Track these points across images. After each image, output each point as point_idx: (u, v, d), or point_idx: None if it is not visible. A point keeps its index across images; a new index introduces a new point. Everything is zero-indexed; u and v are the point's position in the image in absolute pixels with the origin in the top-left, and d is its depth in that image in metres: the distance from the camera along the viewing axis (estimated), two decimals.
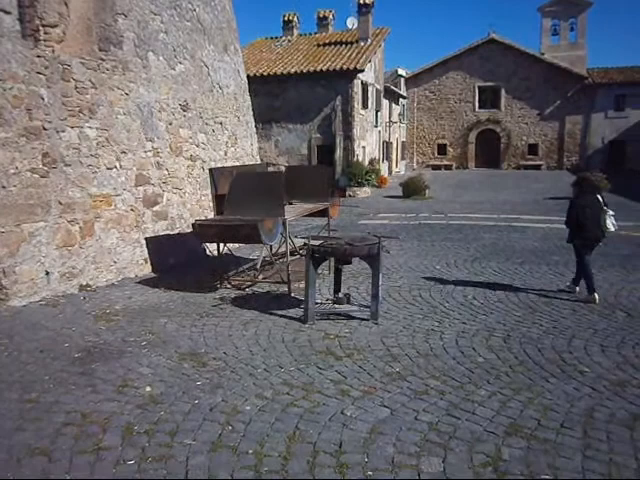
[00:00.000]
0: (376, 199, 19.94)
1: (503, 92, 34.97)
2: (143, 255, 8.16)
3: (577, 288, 7.01)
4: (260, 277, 7.55)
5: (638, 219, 13.65)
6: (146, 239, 8.23)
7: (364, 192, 21.20)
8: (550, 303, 6.56)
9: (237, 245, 9.35)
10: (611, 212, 6.66)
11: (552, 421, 3.69)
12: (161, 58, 9.00)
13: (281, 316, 6.00)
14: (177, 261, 8.58)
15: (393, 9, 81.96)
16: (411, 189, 19.90)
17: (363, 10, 24.75)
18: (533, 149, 35.12)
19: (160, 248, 8.39)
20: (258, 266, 7.60)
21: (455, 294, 7.00)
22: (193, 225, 6.95)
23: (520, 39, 62.37)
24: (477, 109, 35.76)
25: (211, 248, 8.48)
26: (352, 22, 26.25)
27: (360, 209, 16.57)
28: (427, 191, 20.19)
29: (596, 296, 6.59)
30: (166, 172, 8.94)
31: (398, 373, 4.44)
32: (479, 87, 35.46)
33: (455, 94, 36.08)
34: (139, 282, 7.61)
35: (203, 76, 10.45)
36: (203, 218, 8.63)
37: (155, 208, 8.58)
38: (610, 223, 6.65)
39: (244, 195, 6.94)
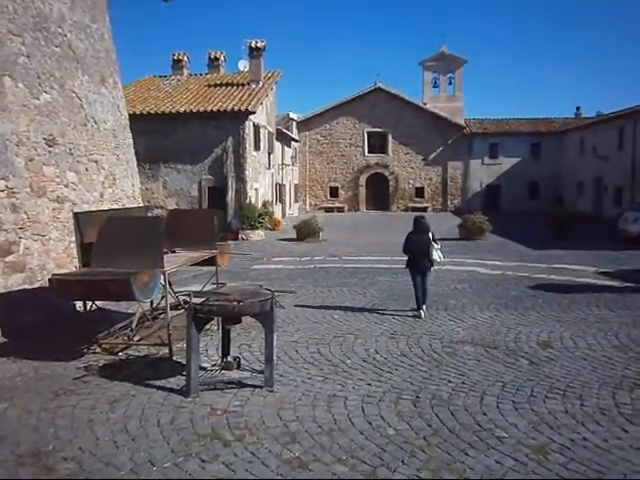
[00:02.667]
0: (270, 242, 19.34)
1: (390, 138, 36.48)
2: None
3: (421, 311, 8.19)
4: (136, 338, 6.49)
5: (520, 259, 14.26)
6: None
7: (258, 235, 20.53)
8: (454, 354, 6.23)
9: None
10: (437, 246, 8.24)
11: None
12: (21, 85, 7.82)
13: (159, 388, 5.04)
14: (36, 321, 7.21)
15: (284, 53, 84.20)
16: (305, 232, 19.57)
17: (254, 53, 24.69)
18: (420, 192, 36.77)
19: (13, 307, 7.02)
20: (134, 325, 6.55)
21: (356, 348, 6.45)
22: (50, 281, 5.80)
23: (405, 88, 66.53)
24: (367, 153, 36.91)
25: (80, 304, 7.27)
26: (244, 64, 26.06)
27: (254, 253, 15.83)
28: (321, 233, 19.96)
29: (422, 312, 8.11)
30: (24, 215, 7.64)
31: (298, 459, 3.71)
32: (368, 132, 36.72)
33: (345, 138, 37.05)
34: None
35: (75, 108, 9.33)
36: (64, 271, 7.39)
37: (8, 258, 7.23)
38: (437, 255, 8.23)
39: (116, 244, 5.95)
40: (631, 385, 5.18)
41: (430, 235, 8.25)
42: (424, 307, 8.23)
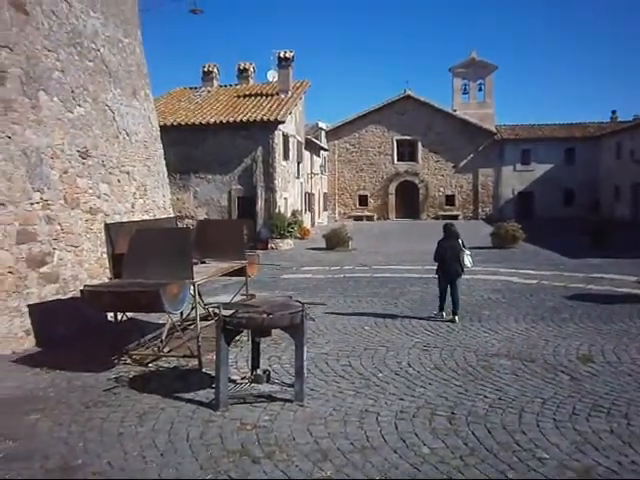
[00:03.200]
0: (299, 251, 19.30)
1: (420, 145, 36.21)
2: (24, 326, 6.84)
3: (443, 313, 8.54)
4: (166, 349, 6.48)
5: (556, 268, 13.85)
6: (29, 306, 6.93)
7: (287, 244, 20.52)
8: (489, 367, 6.01)
9: None
10: (468, 252, 8.45)
11: None
12: (55, 99, 7.98)
13: (188, 401, 4.98)
14: (69, 332, 7.30)
15: (313, 63, 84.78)
16: (334, 241, 19.45)
17: (283, 64, 24.82)
18: (450, 200, 36.33)
19: (47, 317, 7.11)
20: (164, 336, 6.54)
21: (388, 360, 6.29)
22: (82, 292, 5.84)
23: (434, 95, 66.15)
24: (396, 161, 36.70)
25: (111, 314, 7.32)
26: (273, 75, 26.26)
27: (283, 263, 15.81)
28: (350, 242, 19.81)
29: (457, 318, 8.28)
30: (58, 227, 7.76)
31: (330, 479, 3.58)
32: (397, 140, 36.53)
33: (374, 147, 36.92)
34: (15, 360, 6.28)
35: (107, 121, 9.48)
36: (96, 282, 7.45)
37: (42, 269, 7.34)
38: (467, 261, 8.41)
39: (146, 255, 5.96)
40: None
41: (460, 241, 8.48)
42: (457, 317, 8.32)
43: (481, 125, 35.35)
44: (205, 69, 27.61)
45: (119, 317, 6.64)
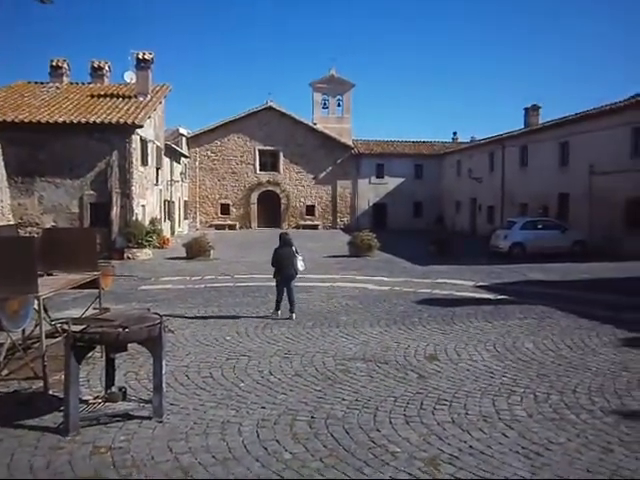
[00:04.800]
0: (158, 261, 18.54)
1: (282, 156, 36.88)
2: None
3: (279, 312, 9.37)
4: (4, 372, 5.82)
5: (407, 275, 14.96)
6: None
7: (145, 254, 19.59)
8: (347, 371, 6.32)
9: None
10: (300, 257, 9.59)
11: None
12: None
13: (32, 428, 4.54)
14: None
15: (174, 67, 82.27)
16: (195, 250, 19.01)
17: (142, 65, 23.80)
18: (310, 210, 37.44)
19: None
20: (1, 358, 5.86)
21: (250, 370, 6.32)
22: None
23: (297, 108, 67.75)
24: (258, 171, 36.93)
25: None
26: (130, 76, 25.04)
27: (141, 273, 15.06)
28: (212, 252, 19.51)
29: (294, 315, 9.20)
30: None
31: None
32: (259, 150, 36.81)
33: (237, 156, 36.82)
34: None
35: None
36: None
37: None
38: (300, 265, 9.56)
39: None
40: (508, 392, 5.57)
41: (293, 248, 9.61)
42: (294, 315, 9.25)
43: (339, 139, 37.02)
44: (54, 63, 25.52)
45: None
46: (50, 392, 5.41)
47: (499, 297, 11.45)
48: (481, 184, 31.54)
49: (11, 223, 9.99)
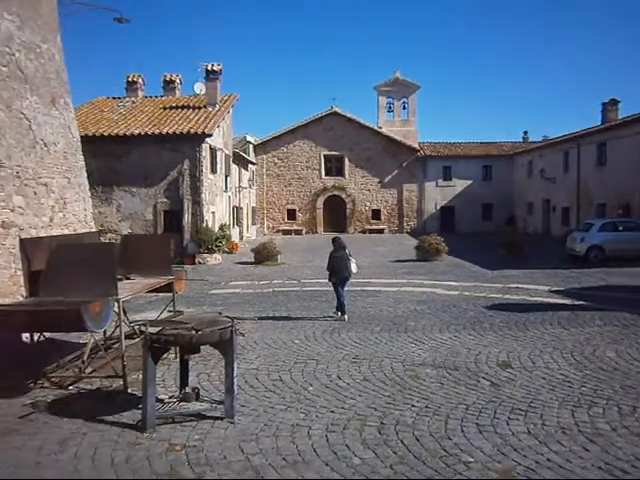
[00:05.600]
0: (227, 266, 19.05)
1: (347, 161, 36.94)
2: None
3: (339, 314, 9.72)
4: (88, 370, 6.17)
5: (476, 280, 14.53)
6: None
7: (215, 259, 20.19)
8: (416, 377, 6.21)
9: None
10: (353, 260, 9.91)
11: None
12: None
13: (113, 424, 4.77)
14: None
15: (241, 76, 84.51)
16: (263, 255, 19.38)
17: (211, 76, 24.62)
18: (376, 214, 37.22)
19: None
20: (85, 357, 6.22)
21: (318, 374, 6.34)
22: None
23: (361, 112, 67.72)
24: (324, 176, 37.19)
25: (27, 335, 6.87)
26: (200, 87, 25.95)
27: (211, 278, 15.53)
28: (279, 257, 19.81)
29: (346, 317, 9.59)
30: None
31: None
32: (325, 155, 37.07)
33: (302, 162, 37.26)
34: None
35: (22, 130, 8.97)
36: (9, 301, 6.99)
37: None
38: (353, 268, 9.86)
39: (67, 271, 5.68)
40: (589, 403, 5.27)
41: (347, 252, 9.93)
42: (346, 316, 9.65)
43: (405, 142, 36.61)
44: (129, 79, 26.87)
45: (36, 338, 6.25)
46: (129, 390, 5.68)
47: (576, 303, 10.88)
48: (555, 184, 30.19)
49: (93, 230, 10.57)
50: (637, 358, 6.82)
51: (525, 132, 41.26)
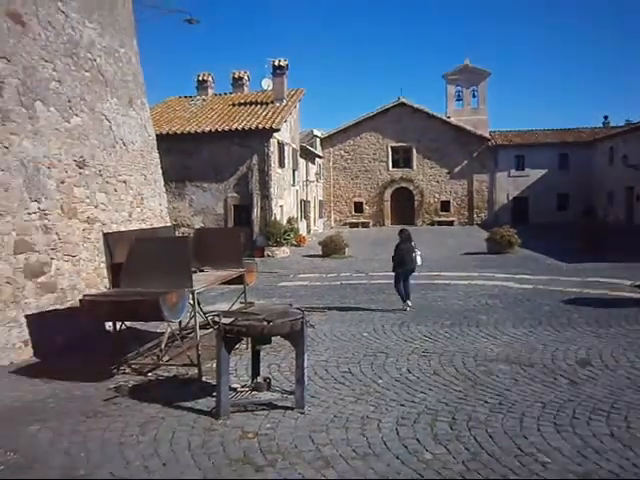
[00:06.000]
0: (296, 259, 19.31)
1: (414, 152, 36.36)
2: (22, 337, 6.82)
3: (409, 302, 9.80)
4: (165, 358, 6.46)
5: (551, 273, 13.90)
6: (27, 317, 6.91)
7: (283, 252, 20.53)
8: (489, 372, 6.02)
9: None
10: (419, 252, 9.97)
11: None
12: (52, 109, 7.99)
13: (189, 410, 4.97)
14: (67, 341, 7.27)
15: (307, 71, 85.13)
16: (330, 248, 19.47)
17: (278, 72, 24.94)
18: (445, 206, 36.42)
19: (45, 327, 7.08)
20: (163, 345, 6.52)
21: (387, 367, 6.30)
22: (81, 302, 5.83)
23: (428, 102, 66.44)
24: (391, 168, 36.81)
25: (110, 324, 7.29)
26: (267, 83, 26.35)
27: (280, 271, 15.81)
28: (346, 249, 19.84)
29: (409, 303, 9.76)
30: (56, 237, 7.75)
31: None
32: (392, 147, 36.67)
33: (369, 154, 37.04)
34: (14, 371, 6.26)
35: (104, 130, 9.50)
36: (95, 292, 7.43)
37: (40, 279, 7.32)
38: (419, 259, 9.94)
39: (145, 264, 5.96)
40: None
41: (413, 244, 9.98)
42: (409, 302, 9.77)
43: (475, 131, 35.54)
44: (200, 78, 27.71)
45: (118, 326, 6.62)
46: (203, 378, 5.89)
47: None
48: (639, 172, 28.29)
49: (168, 224, 11.03)
50: None
51: (606, 117, 38.95)
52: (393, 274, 10.06)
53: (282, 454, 4.05)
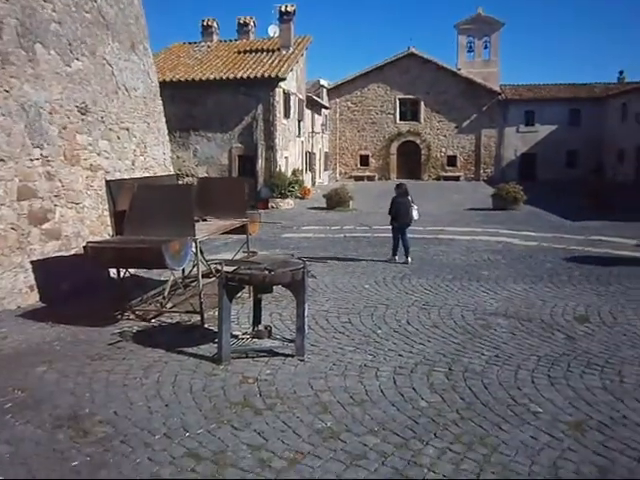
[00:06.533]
0: (300, 211, 19.29)
1: (422, 105, 35.65)
2: (28, 282, 6.91)
3: (396, 257, 9.98)
4: (168, 305, 6.56)
5: (556, 230, 13.88)
6: (32, 263, 6.98)
7: (287, 204, 20.49)
8: (487, 326, 6.11)
9: None
10: (415, 207, 10.01)
11: None
12: (53, 52, 7.81)
13: (191, 355, 5.09)
14: (72, 287, 7.37)
15: (315, 19, 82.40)
16: (335, 201, 19.43)
17: (284, 18, 24.19)
18: (452, 161, 36.02)
19: (50, 273, 7.17)
20: (166, 293, 6.61)
21: (387, 318, 6.39)
22: (85, 248, 5.87)
23: (438, 54, 64.61)
24: (398, 121, 36.20)
25: (114, 271, 7.38)
26: (274, 30, 25.61)
27: (284, 222, 15.83)
28: (351, 202, 19.80)
29: (409, 259, 9.84)
30: (59, 184, 7.73)
31: (330, 429, 3.70)
32: (400, 99, 35.94)
33: (377, 106, 36.36)
34: (21, 315, 6.38)
35: (106, 76, 9.31)
36: (98, 239, 7.48)
37: (45, 226, 7.36)
38: (415, 214, 10.00)
39: (148, 212, 5.97)
40: None
41: (409, 198, 10.03)
42: (409, 259, 9.86)
43: (485, 85, 34.72)
44: (204, 23, 26.93)
45: (121, 274, 6.70)
46: (206, 325, 6.00)
47: None
48: None
49: (171, 173, 10.98)
50: None
51: (621, 72, 37.86)
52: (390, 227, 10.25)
53: (281, 399, 4.16)
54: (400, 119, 36.16)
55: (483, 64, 36.02)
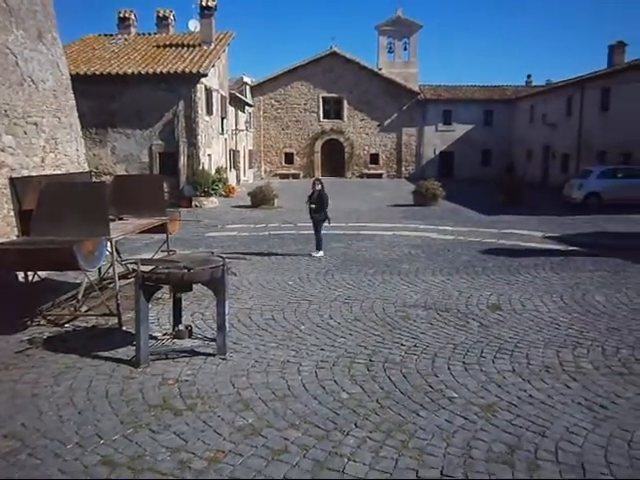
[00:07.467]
0: (224, 209, 19.01)
1: (345, 103, 36.16)
2: None
3: (320, 253, 10.38)
4: (83, 309, 6.26)
5: (472, 224, 14.56)
6: None
7: (211, 202, 20.12)
8: (407, 317, 6.31)
9: None
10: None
11: (431, 469, 3.21)
12: None
13: (107, 359, 4.88)
14: None
15: (237, 15, 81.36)
16: (260, 198, 19.33)
17: (205, 13, 23.68)
18: (374, 159, 36.80)
19: None
20: (80, 295, 6.30)
21: (310, 314, 6.44)
22: None
23: (361, 53, 65.76)
24: (322, 119, 36.49)
25: (22, 274, 6.92)
26: (194, 25, 24.98)
27: (207, 220, 15.53)
28: (276, 200, 19.76)
29: (322, 252, 10.36)
30: None
31: (251, 426, 3.68)
32: (323, 98, 36.25)
33: (300, 104, 36.47)
34: None
35: (9, 66, 8.70)
36: (2, 240, 6.99)
37: None
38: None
39: (58, 211, 5.65)
40: (574, 344, 5.39)
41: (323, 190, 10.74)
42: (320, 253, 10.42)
43: (405, 85, 35.74)
44: (121, 15, 25.82)
45: (30, 277, 6.30)
46: (124, 328, 5.77)
47: (569, 248, 10.95)
48: (556, 130, 29.74)
49: (85, 170, 10.46)
50: (624, 302, 6.93)
51: (529, 76, 40.43)
52: (315, 222, 10.60)
53: (202, 398, 4.09)
54: (324, 117, 36.48)
55: (403, 65, 37.07)
